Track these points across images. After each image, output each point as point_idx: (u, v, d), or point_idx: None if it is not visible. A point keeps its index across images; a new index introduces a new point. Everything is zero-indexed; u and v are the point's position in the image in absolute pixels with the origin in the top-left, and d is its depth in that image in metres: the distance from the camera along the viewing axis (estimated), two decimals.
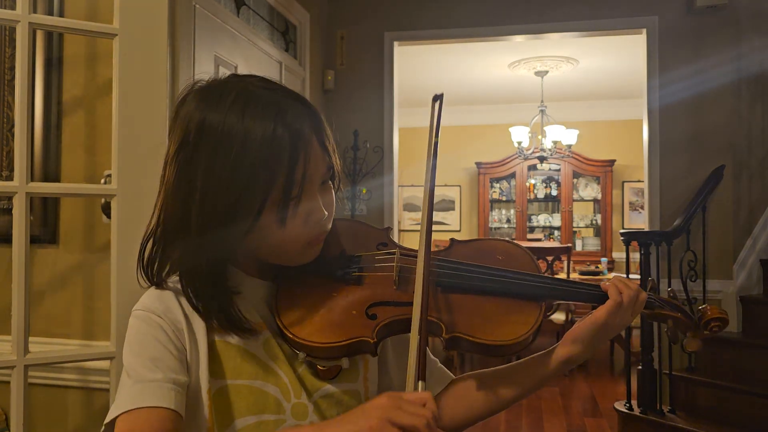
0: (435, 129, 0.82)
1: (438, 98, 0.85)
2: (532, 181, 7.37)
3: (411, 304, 0.73)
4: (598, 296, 0.83)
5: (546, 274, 0.84)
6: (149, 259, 0.77)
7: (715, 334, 0.86)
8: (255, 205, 0.70)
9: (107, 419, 0.70)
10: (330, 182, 0.78)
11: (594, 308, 0.83)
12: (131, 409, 0.68)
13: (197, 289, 0.74)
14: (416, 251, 0.82)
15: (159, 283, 0.77)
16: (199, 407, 0.74)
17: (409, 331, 0.72)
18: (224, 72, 2.46)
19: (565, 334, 0.83)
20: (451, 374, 0.92)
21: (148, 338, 0.73)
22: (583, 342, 0.81)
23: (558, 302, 0.84)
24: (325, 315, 0.76)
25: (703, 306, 0.88)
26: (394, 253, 0.83)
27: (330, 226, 0.80)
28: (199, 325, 0.75)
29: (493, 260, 0.86)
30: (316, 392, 0.77)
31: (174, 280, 0.77)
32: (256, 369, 0.75)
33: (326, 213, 0.77)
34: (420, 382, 0.65)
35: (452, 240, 0.90)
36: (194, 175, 0.71)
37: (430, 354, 0.87)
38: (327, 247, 0.81)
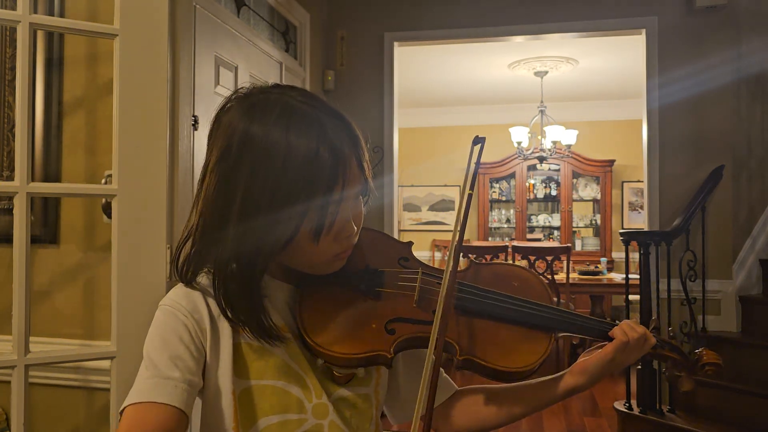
0: (472, 176, 0.81)
1: (479, 142, 0.83)
2: (532, 181, 7.37)
3: (429, 322, 0.76)
4: (605, 333, 0.87)
5: (557, 307, 0.87)
6: (185, 260, 0.79)
7: (708, 377, 0.90)
8: (293, 222, 0.72)
9: (123, 405, 0.72)
10: (361, 197, 0.80)
11: (599, 343, 0.87)
12: (143, 402, 0.70)
13: (230, 295, 0.75)
14: (438, 271, 0.86)
15: (190, 282, 0.79)
16: (222, 408, 0.76)
17: (424, 347, 0.74)
18: (225, 73, 2.47)
19: (572, 365, 0.87)
20: (455, 384, 0.95)
21: (172, 335, 0.75)
22: (591, 375, 0.84)
23: (565, 334, 0.87)
24: (345, 326, 0.79)
25: (700, 350, 0.93)
26: (417, 273, 0.85)
27: (357, 239, 0.82)
28: (225, 327, 0.77)
29: (510, 286, 0.88)
30: (334, 394, 0.80)
31: (204, 282, 0.79)
32: (278, 370, 0.77)
33: (356, 229, 0.79)
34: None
35: (471, 261, 0.92)
36: (235, 187, 0.73)
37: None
38: (352, 258, 0.83)
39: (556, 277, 4.51)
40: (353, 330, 0.79)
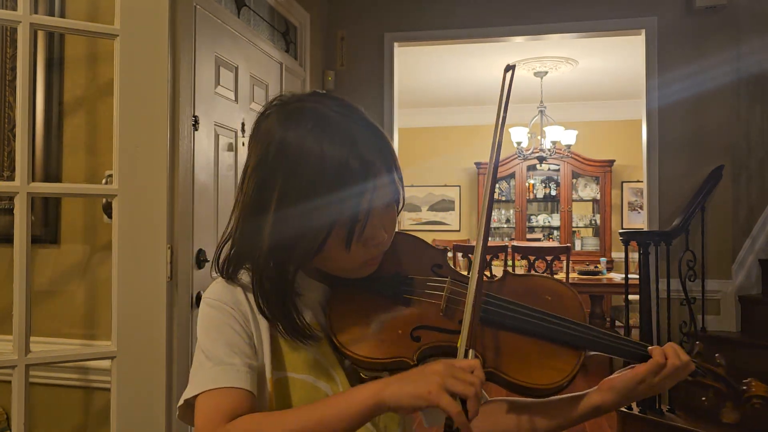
0: (505, 102, 0.84)
1: (510, 68, 0.86)
2: (532, 182, 7.38)
3: (454, 332, 0.78)
4: (640, 356, 0.85)
5: (589, 325, 0.85)
6: (226, 259, 0.82)
7: (755, 410, 0.84)
8: (324, 229, 0.76)
9: (186, 396, 0.76)
10: (394, 205, 0.82)
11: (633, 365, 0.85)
12: (213, 389, 0.73)
13: (265, 294, 0.79)
14: (467, 278, 0.85)
15: (231, 278, 0.82)
16: (265, 392, 0.79)
17: (449, 356, 0.75)
18: (225, 73, 2.47)
19: (602, 381, 0.86)
20: (486, 395, 0.94)
21: (223, 326, 0.78)
22: (619, 393, 0.83)
23: (595, 353, 0.85)
24: (372, 330, 0.80)
25: (749, 380, 0.87)
26: (445, 282, 0.85)
27: (389, 245, 0.83)
28: (263, 321, 0.80)
29: (542, 300, 0.87)
30: None
31: (245, 280, 0.82)
32: (309, 365, 0.80)
33: (386, 235, 0.81)
34: (470, 351, 0.71)
35: (506, 272, 0.92)
36: (271, 192, 0.76)
37: None
38: (384, 263, 0.85)
39: (555, 277, 4.51)
40: (378, 334, 0.80)
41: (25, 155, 1.47)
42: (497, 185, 7.48)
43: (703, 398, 0.87)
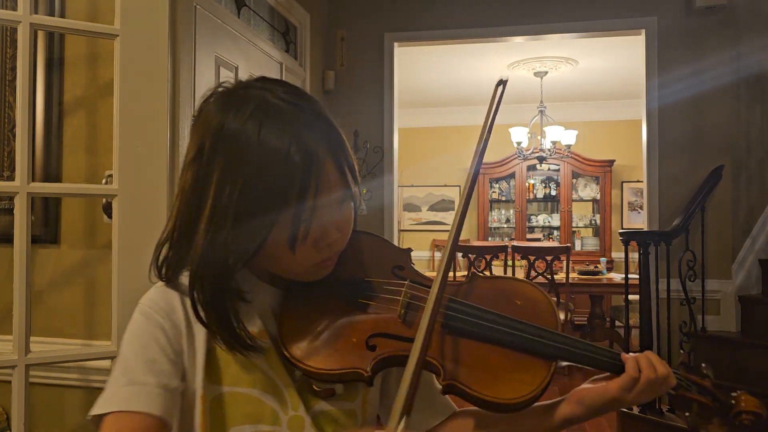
0: (493, 115, 0.79)
1: (502, 83, 0.80)
2: (532, 182, 7.38)
3: (412, 340, 0.69)
4: (617, 367, 0.77)
5: (561, 333, 0.78)
6: (163, 261, 0.76)
7: (744, 427, 0.77)
8: (263, 226, 0.68)
9: (95, 411, 0.70)
10: (350, 203, 0.75)
11: (610, 376, 0.78)
12: (119, 411, 0.68)
13: (202, 300, 0.72)
14: (429, 280, 0.79)
15: (170, 281, 0.76)
16: (193, 412, 0.73)
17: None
18: (225, 73, 2.47)
19: (572, 392, 0.79)
20: (454, 406, 0.89)
21: (148, 338, 0.72)
22: (588, 408, 0.77)
23: (568, 363, 0.78)
24: (324, 338, 0.74)
25: (737, 393, 0.79)
26: (403, 284, 0.78)
27: (344, 246, 0.76)
28: (200, 330, 0.74)
29: (512, 305, 0.80)
30: (313, 407, 0.76)
31: (185, 282, 0.76)
32: (255, 378, 0.74)
33: (339, 235, 0.74)
34: (403, 419, 0.62)
35: (473, 274, 0.84)
36: (207, 186, 0.70)
37: (437, 383, 0.78)
38: (343, 264, 0.78)
39: (555, 277, 4.51)
40: (332, 343, 0.73)
41: (25, 155, 1.47)
42: (497, 185, 7.48)
43: (687, 413, 0.79)
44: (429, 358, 0.72)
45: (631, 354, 0.78)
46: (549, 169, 7.20)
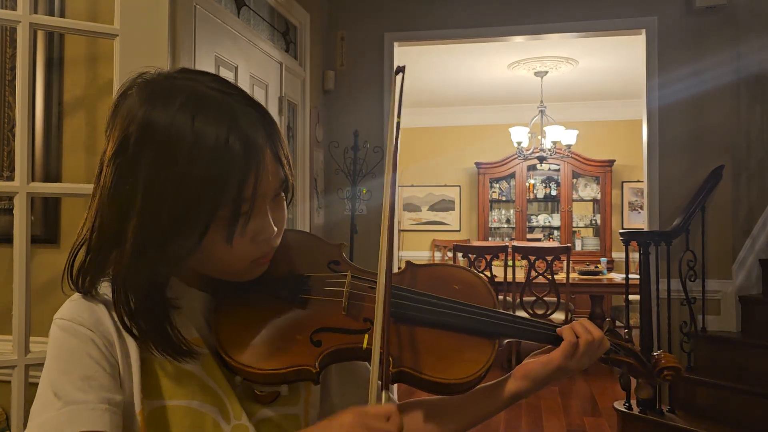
0: (398, 106, 0.78)
1: (400, 70, 0.81)
2: (532, 182, 7.38)
3: (359, 332, 0.72)
4: (555, 338, 0.81)
5: (501, 310, 0.81)
6: (80, 269, 0.70)
7: (667, 381, 0.85)
8: (201, 222, 0.64)
9: None
10: (283, 195, 0.73)
11: (550, 349, 0.81)
12: None
13: (131, 308, 0.67)
14: (369, 273, 0.80)
15: (88, 292, 0.70)
16: (133, 428, 0.68)
17: (354, 359, 0.71)
18: (225, 73, 2.47)
19: (515, 369, 0.81)
20: (395, 399, 0.88)
21: (78, 354, 0.66)
22: (534, 380, 0.79)
23: (509, 340, 0.81)
24: (266, 338, 0.71)
25: (658, 353, 0.86)
26: (345, 276, 0.77)
27: (279, 242, 0.74)
28: (132, 342, 0.69)
29: (450, 290, 0.81)
30: (256, 414, 0.73)
31: (105, 291, 0.71)
32: (193, 388, 0.69)
33: (276, 230, 0.71)
34: (384, 393, 0.63)
35: (408, 263, 0.85)
36: (135, 183, 0.65)
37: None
38: (275, 262, 0.75)
39: (556, 277, 4.51)
40: (274, 343, 0.71)
41: (24, 155, 1.46)
42: (497, 185, 7.48)
43: (618, 375, 0.89)
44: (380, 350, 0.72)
45: (565, 326, 0.81)
46: (549, 169, 7.20)
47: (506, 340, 0.81)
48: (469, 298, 0.80)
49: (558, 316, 4.51)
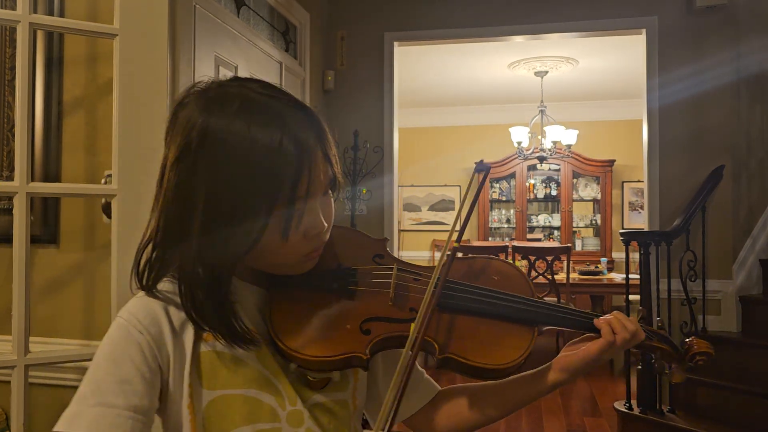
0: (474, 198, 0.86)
1: (483, 169, 0.86)
2: (532, 181, 7.38)
3: (405, 320, 0.76)
4: (591, 327, 0.84)
5: (539, 298, 0.85)
6: (146, 265, 0.75)
7: (699, 367, 0.88)
8: (260, 219, 0.69)
9: (60, 427, 0.70)
10: (330, 192, 0.77)
11: (584, 335, 0.85)
12: None
13: (197, 300, 0.71)
14: (414, 267, 0.85)
15: (151, 290, 0.75)
16: (181, 423, 0.73)
17: (402, 347, 0.74)
18: (225, 73, 2.47)
19: (554, 361, 0.85)
20: (437, 386, 0.93)
21: (122, 357, 0.71)
22: (572, 372, 0.83)
23: (548, 328, 0.84)
24: (318, 327, 0.76)
25: (690, 339, 0.90)
26: (391, 269, 0.82)
27: (328, 236, 0.78)
28: (188, 338, 0.74)
29: (489, 280, 0.86)
30: (309, 400, 0.77)
31: (167, 288, 0.75)
32: (249, 378, 0.74)
33: (326, 225, 0.75)
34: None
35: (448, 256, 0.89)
36: (197, 185, 0.69)
37: (418, 366, 0.87)
38: (323, 257, 0.79)
39: (556, 277, 4.51)
40: (326, 332, 0.75)
41: (24, 155, 1.46)
42: (497, 185, 7.48)
43: (653, 360, 0.91)
44: (425, 337, 0.76)
45: (602, 318, 0.84)
46: (549, 168, 7.20)
47: (545, 328, 0.84)
48: (508, 288, 0.85)
49: None
